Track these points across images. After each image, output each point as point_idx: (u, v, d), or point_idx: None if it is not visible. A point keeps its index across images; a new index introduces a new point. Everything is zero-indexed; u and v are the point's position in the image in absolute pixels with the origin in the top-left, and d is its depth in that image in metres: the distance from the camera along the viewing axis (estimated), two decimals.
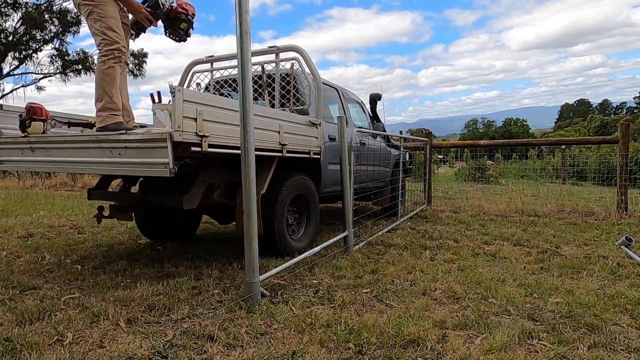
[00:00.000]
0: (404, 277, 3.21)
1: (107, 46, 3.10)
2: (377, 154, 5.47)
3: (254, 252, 2.62)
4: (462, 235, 4.81)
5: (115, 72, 3.14)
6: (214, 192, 3.37)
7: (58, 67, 22.83)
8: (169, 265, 3.54)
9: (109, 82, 3.11)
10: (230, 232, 5.11)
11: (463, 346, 2.07)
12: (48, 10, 21.39)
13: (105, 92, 3.10)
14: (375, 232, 4.81)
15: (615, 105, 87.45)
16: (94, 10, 3.10)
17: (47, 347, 2.04)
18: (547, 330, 2.26)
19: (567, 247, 4.24)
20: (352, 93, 5.85)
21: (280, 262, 3.34)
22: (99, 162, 2.86)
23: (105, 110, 3.10)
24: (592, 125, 58.35)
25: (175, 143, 2.48)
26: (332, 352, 2.03)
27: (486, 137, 58.36)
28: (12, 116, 3.37)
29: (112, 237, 4.86)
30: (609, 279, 3.18)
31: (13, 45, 21.30)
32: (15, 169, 8.98)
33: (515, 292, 2.83)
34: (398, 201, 5.96)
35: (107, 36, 3.09)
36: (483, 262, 3.67)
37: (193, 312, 2.47)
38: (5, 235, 4.97)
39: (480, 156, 14.37)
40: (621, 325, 2.33)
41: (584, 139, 16.95)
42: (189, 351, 2.01)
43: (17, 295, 2.80)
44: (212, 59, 4.77)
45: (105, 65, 3.11)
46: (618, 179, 6.24)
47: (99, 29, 3.10)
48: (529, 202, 6.97)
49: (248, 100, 2.56)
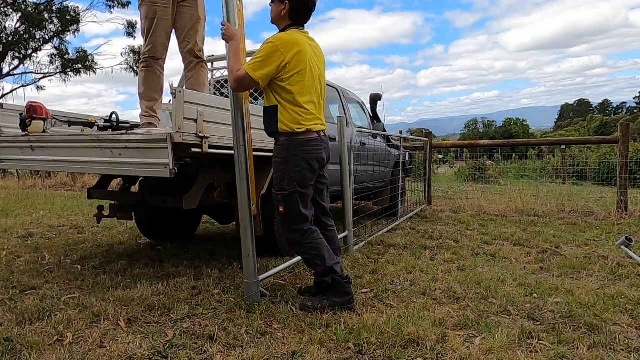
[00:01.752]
0: (404, 277, 3.21)
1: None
2: (377, 154, 5.47)
3: (253, 252, 2.62)
4: (462, 235, 4.81)
5: (140, 76, 3.34)
6: (214, 192, 3.37)
7: (58, 67, 22.85)
8: (169, 265, 3.54)
9: (139, 84, 3.30)
10: (230, 232, 5.11)
11: (463, 346, 2.07)
12: (48, 10, 21.40)
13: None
14: (375, 232, 4.81)
15: (616, 105, 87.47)
16: (140, 10, 3.23)
17: (47, 347, 2.04)
18: (547, 330, 2.26)
19: (567, 247, 4.25)
20: (353, 93, 5.85)
21: (280, 262, 3.34)
22: (99, 161, 2.86)
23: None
24: (592, 125, 58.35)
25: (175, 144, 2.48)
26: (332, 352, 2.03)
27: (486, 137, 58.38)
28: (13, 115, 3.37)
29: (112, 237, 4.86)
30: (609, 279, 3.18)
31: (13, 45, 21.31)
32: (15, 168, 8.99)
33: (515, 292, 2.83)
34: (398, 201, 5.96)
35: (144, 39, 3.24)
36: (483, 262, 3.67)
37: (193, 312, 2.47)
38: (5, 235, 4.97)
39: (480, 156, 14.36)
40: (621, 325, 2.33)
41: (584, 139, 16.95)
42: (189, 351, 2.01)
43: (17, 295, 2.80)
44: (212, 59, 4.76)
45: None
46: (618, 179, 6.24)
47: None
48: (529, 202, 6.97)
49: (239, 98, 2.58)
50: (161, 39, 3.27)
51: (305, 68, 2.56)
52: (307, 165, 2.60)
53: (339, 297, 2.56)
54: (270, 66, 2.47)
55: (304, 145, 2.58)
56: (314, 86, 2.64)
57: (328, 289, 2.60)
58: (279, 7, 2.61)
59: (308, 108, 2.59)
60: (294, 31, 2.61)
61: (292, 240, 2.67)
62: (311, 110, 2.61)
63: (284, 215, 2.60)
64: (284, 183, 2.58)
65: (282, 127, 2.57)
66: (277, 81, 2.53)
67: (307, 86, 2.57)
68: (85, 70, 22.94)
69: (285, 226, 2.65)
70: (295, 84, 2.53)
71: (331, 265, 2.59)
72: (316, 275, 2.68)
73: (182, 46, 3.40)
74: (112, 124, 3.31)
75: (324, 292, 2.63)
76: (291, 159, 2.57)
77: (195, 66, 3.44)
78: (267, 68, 2.47)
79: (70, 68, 22.88)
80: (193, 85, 3.39)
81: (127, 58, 23.16)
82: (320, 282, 2.65)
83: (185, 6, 3.32)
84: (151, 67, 3.30)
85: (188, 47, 3.38)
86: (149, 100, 3.34)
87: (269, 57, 2.48)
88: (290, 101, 2.55)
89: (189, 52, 3.40)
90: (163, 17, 3.23)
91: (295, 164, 2.57)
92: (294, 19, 2.63)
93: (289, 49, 2.50)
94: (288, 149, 2.58)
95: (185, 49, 3.39)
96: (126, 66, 23.26)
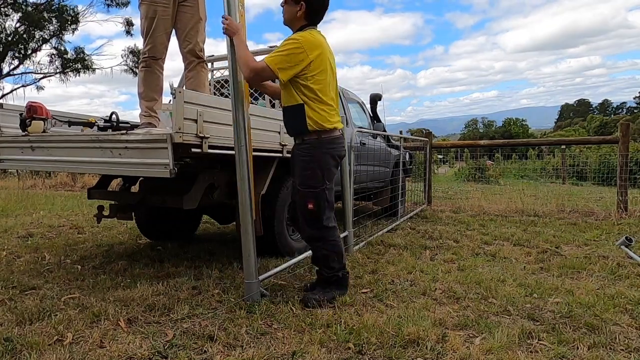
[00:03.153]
0: (404, 277, 3.21)
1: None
2: (377, 154, 5.47)
3: (253, 252, 2.62)
4: (462, 235, 4.81)
5: (140, 76, 3.34)
6: (214, 192, 3.37)
7: (57, 67, 22.85)
8: (169, 265, 3.54)
9: (138, 84, 3.31)
10: (230, 232, 5.11)
11: (463, 346, 2.07)
12: (47, 10, 21.40)
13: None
14: (375, 232, 4.81)
15: (616, 105, 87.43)
16: (139, 9, 3.23)
17: (47, 347, 2.04)
18: (547, 330, 2.26)
19: (567, 247, 4.25)
20: (353, 93, 5.85)
21: (281, 262, 3.34)
22: (99, 162, 2.86)
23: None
24: (592, 125, 58.33)
25: (175, 144, 2.48)
26: (332, 352, 2.03)
27: (486, 137, 58.36)
28: (13, 115, 3.37)
29: (112, 237, 4.86)
30: (609, 279, 3.18)
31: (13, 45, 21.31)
32: (15, 168, 8.99)
33: (515, 292, 2.83)
34: (398, 201, 5.96)
35: (143, 39, 3.24)
36: (483, 262, 3.67)
37: (193, 312, 2.47)
38: (5, 235, 4.96)
39: (480, 156, 14.36)
40: (621, 325, 2.33)
41: (584, 139, 16.95)
42: (189, 351, 2.01)
43: (17, 295, 2.80)
44: (212, 59, 4.76)
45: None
46: (618, 179, 6.24)
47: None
48: (529, 202, 6.98)
49: (239, 98, 2.58)
50: (161, 38, 3.27)
51: (327, 67, 2.62)
52: (334, 162, 2.70)
53: (340, 290, 2.71)
54: (296, 66, 2.52)
55: (332, 143, 2.67)
56: (334, 85, 2.71)
57: (336, 282, 2.70)
58: (294, 8, 2.62)
59: (332, 104, 2.66)
60: (314, 31, 2.65)
61: (317, 236, 2.71)
62: (335, 106, 2.69)
63: (314, 212, 2.64)
64: (315, 180, 2.63)
65: (312, 125, 2.61)
66: (301, 79, 2.57)
67: (328, 84, 2.64)
68: (85, 70, 22.95)
69: (312, 222, 2.68)
70: (319, 82, 2.58)
71: (345, 262, 2.72)
72: (328, 270, 2.72)
73: (183, 46, 3.40)
74: (112, 124, 3.31)
75: (327, 285, 2.70)
76: (321, 157, 2.63)
77: (195, 66, 3.44)
78: (294, 68, 2.51)
79: (70, 68, 22.89)
80: (193, 85, 3.39)
81: (127, 59, 23.20)
82: (330, 277, 2.71)
83: (186, 6, 3.32)
84: (151, 67, 3.30)
85: (189, 47, 3.38)
86: (148, 100, 3.34)
87: (294, 54, 2.51)
88: (315, 99, 2.59)
89: (190, 52, 3.40)
90: (163, 16, 3.23)
91: (326, 162, 2.64)
92: (309, 19, 2.65)
93: (313, 48, 2.55)
94: (317, 147, 2.64)
95: (186, 49, 3.39)
96: (125, 67, 23.29)
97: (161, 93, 3.43)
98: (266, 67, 2.48)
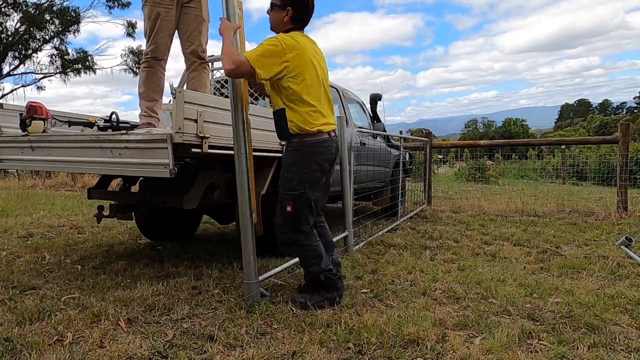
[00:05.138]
0: (404, 277, 3.21)
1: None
2: (377, 154, 5.47)
3: (253, 252, 2.62)
4: (462, 235, 4.81)
5: (141, 76, 3.34)
6: (214, 192, 3.37)
7: (58, 67, 22.86)
8: (169, 265, 3.54)
9: (139, 84, 3.31)
10: (230, 232, 5.11)
11: (463, 346, 2.07)
12: (49, 10, 21.40)
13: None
14: (375, 232, 4.81)
15: (616, 105, 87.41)
16: (143, 10, 3.22)
17: (47, 347, 2.04)
18: (547, 330, 2.26)
19: (567, 247, 4.25)
20: (352, 93, 5.85)
21: (281, 262, 3.34)
22: (99, 162, 2.86)
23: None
24: (592, 125, 58.32)
25: (175, 144, 2.48)
26: (332, 352, 2.03)
27: (486, 137, 58.35)
28: (13, 115, 3.37)
29: (112, 237, 4.86)
30: (609, 279, 3.18)
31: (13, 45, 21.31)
32: (15, 168, 8.99)
33: (515, 292, 2.83)
34: (398, 201, 5.96)
35: (146, 40, 3.23)
36: (483, 262, 3.67)
37: (193, 312, 2.47)
38: (5, 235, 4.96)
39: (480, 156, 14.36)
40: (621, 325, 2.33)
41: (584, 139, 16.95)
42: (189, 351, 2.01)
43: (17, 295, 2.80)
44: (212, 59, 4.76)
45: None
46: (618, 179, 6.24)
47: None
48: (529, 202, 6.97)
49: (239, 98, 2.58)
50: (164, 40, 3.27)
51: (308, 67, 2.58)
52: (317, 167, 2.62)
53: (329, 293, 2.65)
54: (274, 64, 2.48)
55: (315, 147, 2.61)
56: (319, 85, 2.66)
57: (321, 285, 2.66)
58: (281, 14, 2.62)
59: (315, 105, 2.60)
60: (296, 33, 2.63)
61: (293, 240, 2.68)
62: (318, 108, 2.62)
63: (292, 215, 2.61)
64: (294, 184, 2.60)
65: (293, 129, 2.58)
66: (283, 82, 2.55)
67: (310, 85, 2.59)
68: (85, 71, 22.96)
69: (289, 226, 2.65)
70: (299, 82, 2.55)
71: (326, 265, 2.65)
72: (309, 274, 2.72)
73: (186, 47, 3.40)
74: (112, 124, 3.31)
75: (315, 289, 2.68)
76: (302, 161, 2.59)
77: (197, 67, 3.45)
78: (272, 66, 2.48)
79: (70, 68, 22.90)
80: (195, 86, 3.40)
81: (127, 59, 23.21)
82: (313, 280, 2.69)
83: (190, 7, 3.33)
84: (153, 67, 3.31)
85: (192, 47, 3.38)
86: (148, 101, 3.34)
87: (271, 51, 2.48)
88: (296, 101, 2.56)
89: (192, 53, 3.40)
90: (166, 18, 3.23)
91: (306, 166, 2.59)
92: (295, 23, 2.65)
93: (291, 48, 2.52)
94: (299, 150, 2.60)
95: (189, 50, 3.39)
96: (125, 67, 23.30)
97: (162, 94, 3.43)
98: (245, 61, 2.42)
